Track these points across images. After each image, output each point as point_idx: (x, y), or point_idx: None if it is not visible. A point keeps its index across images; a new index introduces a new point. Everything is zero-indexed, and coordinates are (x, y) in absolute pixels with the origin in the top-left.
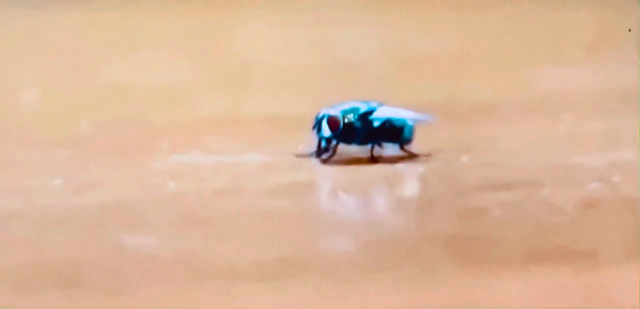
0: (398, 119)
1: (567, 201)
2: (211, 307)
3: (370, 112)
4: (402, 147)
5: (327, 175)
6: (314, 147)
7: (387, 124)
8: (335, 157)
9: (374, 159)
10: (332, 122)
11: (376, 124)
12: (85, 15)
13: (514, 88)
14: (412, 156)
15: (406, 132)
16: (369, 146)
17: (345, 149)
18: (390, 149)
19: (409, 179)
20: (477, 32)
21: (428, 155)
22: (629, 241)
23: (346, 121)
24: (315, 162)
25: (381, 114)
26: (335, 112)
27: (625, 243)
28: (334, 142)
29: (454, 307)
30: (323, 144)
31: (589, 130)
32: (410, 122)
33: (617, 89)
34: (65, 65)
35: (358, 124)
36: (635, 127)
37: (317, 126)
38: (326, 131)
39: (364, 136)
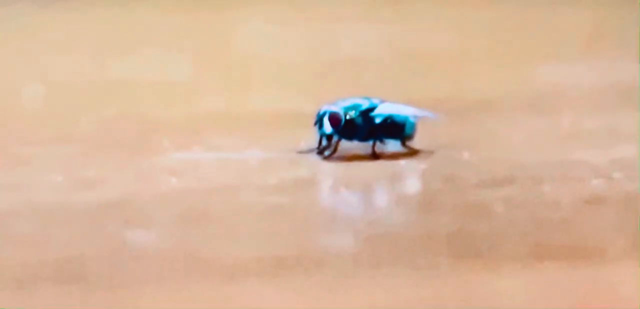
0: (399, 116)
1: (568, 198)
2: (212, 303)
3: (371, 109)
4: (403, 144)
5: (329, 172)
6: (315, 143)
7: (388, 121)
8: (337, 154)
9: (375, 156)
10: (334, 118)
11: (378, 120)
12: (87, 12)
13: (515, 85)
14: (413, 153)
15: (408, 129)
16: (370, 143)
17: (347, 146)
18: (391, 146)
19: (410, 175)
20: (478, 29)
21: (430, 152)
22: (630, 237)
23: (348, 117)
24: (316, 158)
25: (383, 110)
26: (337, 108)
27: (626, 240)
28: (335, 138)
29: (455, 303)
30: (324, 140)
31: (590, 127)
32: (411, 119)
33: (617, 86)
34: (66, 62)
35: (359, 120)
36: (635, 124)
37: (319, 122)
38: (327, 128)
39: (365, 132)
